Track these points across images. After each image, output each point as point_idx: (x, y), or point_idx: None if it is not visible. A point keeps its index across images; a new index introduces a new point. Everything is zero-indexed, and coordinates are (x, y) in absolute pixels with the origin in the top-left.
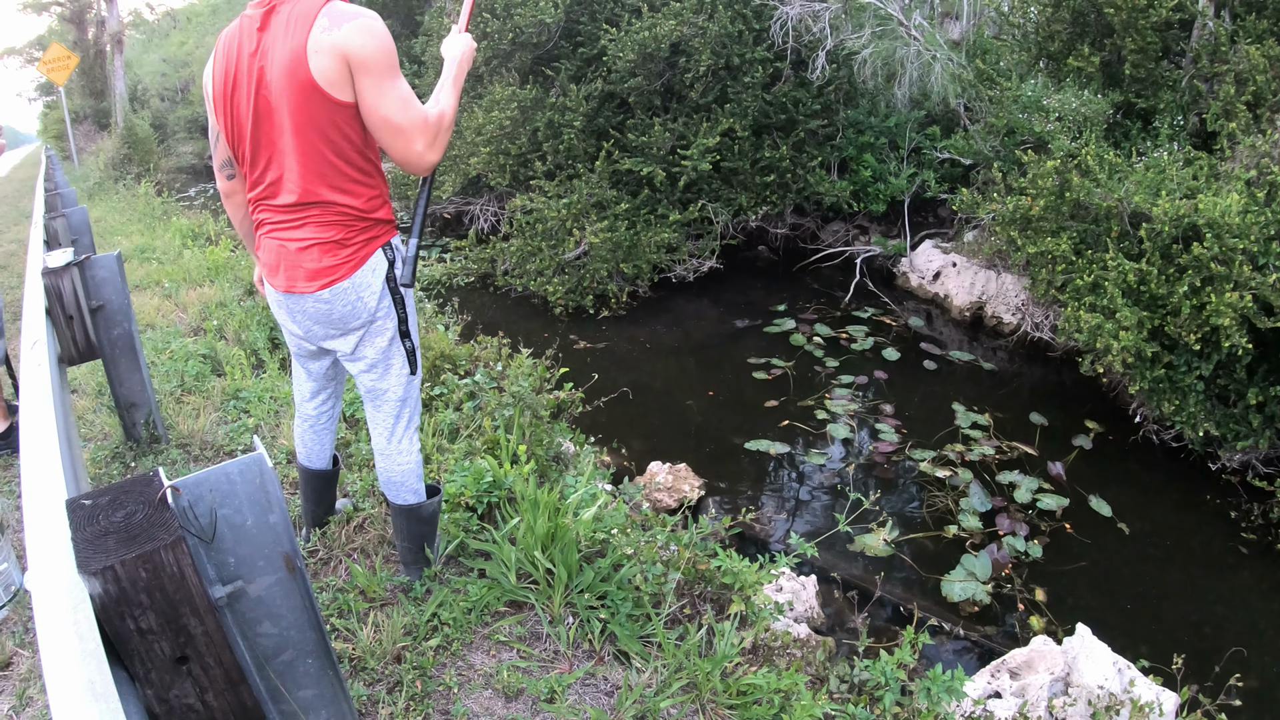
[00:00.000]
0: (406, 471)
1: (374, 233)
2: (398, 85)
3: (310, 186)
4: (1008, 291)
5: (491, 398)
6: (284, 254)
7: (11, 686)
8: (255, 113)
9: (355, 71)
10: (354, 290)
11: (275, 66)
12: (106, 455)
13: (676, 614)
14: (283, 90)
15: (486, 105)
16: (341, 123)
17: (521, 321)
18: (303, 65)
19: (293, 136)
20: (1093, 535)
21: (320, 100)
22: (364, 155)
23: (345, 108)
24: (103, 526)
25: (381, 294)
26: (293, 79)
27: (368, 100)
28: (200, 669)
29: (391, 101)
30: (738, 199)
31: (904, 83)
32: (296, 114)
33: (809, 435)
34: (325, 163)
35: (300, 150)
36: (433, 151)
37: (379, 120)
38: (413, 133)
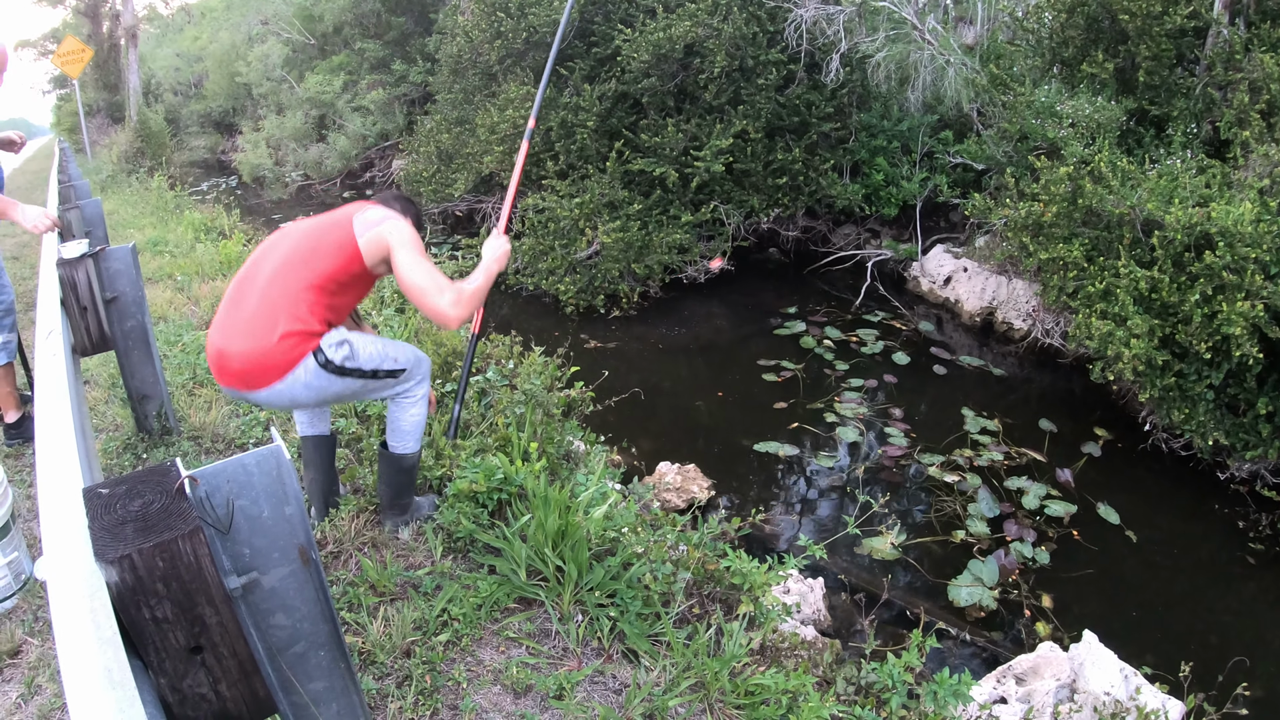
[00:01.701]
0: (415, 424)
1: (300, 348)
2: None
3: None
4: (1019, 297)
5: (503, 395)
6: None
7: (20, 674)
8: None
9: (392, 249)
10: (292, 387)
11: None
12: (118, 446)
13: (685, 613)
14: (315, 226)
15: (500, 104)
16: (349, 273)
17: (532, 320)
18: (349, 224)
19: (287, 253)
20: (1100, 542)
21: (335, 239)
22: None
23: (353, 260)
24: (120, 515)
25: (320, 379)
26: (333, 222)
27: (407, 267)
28: (214, 659)
29: (420, 271)
30: (749, 201)
31: (917, 87)
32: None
33: (818, 438)
34: (296, 281)
35: (284, 265)
36: (460, 309)
37: (412, 284)
38: (440, 286)
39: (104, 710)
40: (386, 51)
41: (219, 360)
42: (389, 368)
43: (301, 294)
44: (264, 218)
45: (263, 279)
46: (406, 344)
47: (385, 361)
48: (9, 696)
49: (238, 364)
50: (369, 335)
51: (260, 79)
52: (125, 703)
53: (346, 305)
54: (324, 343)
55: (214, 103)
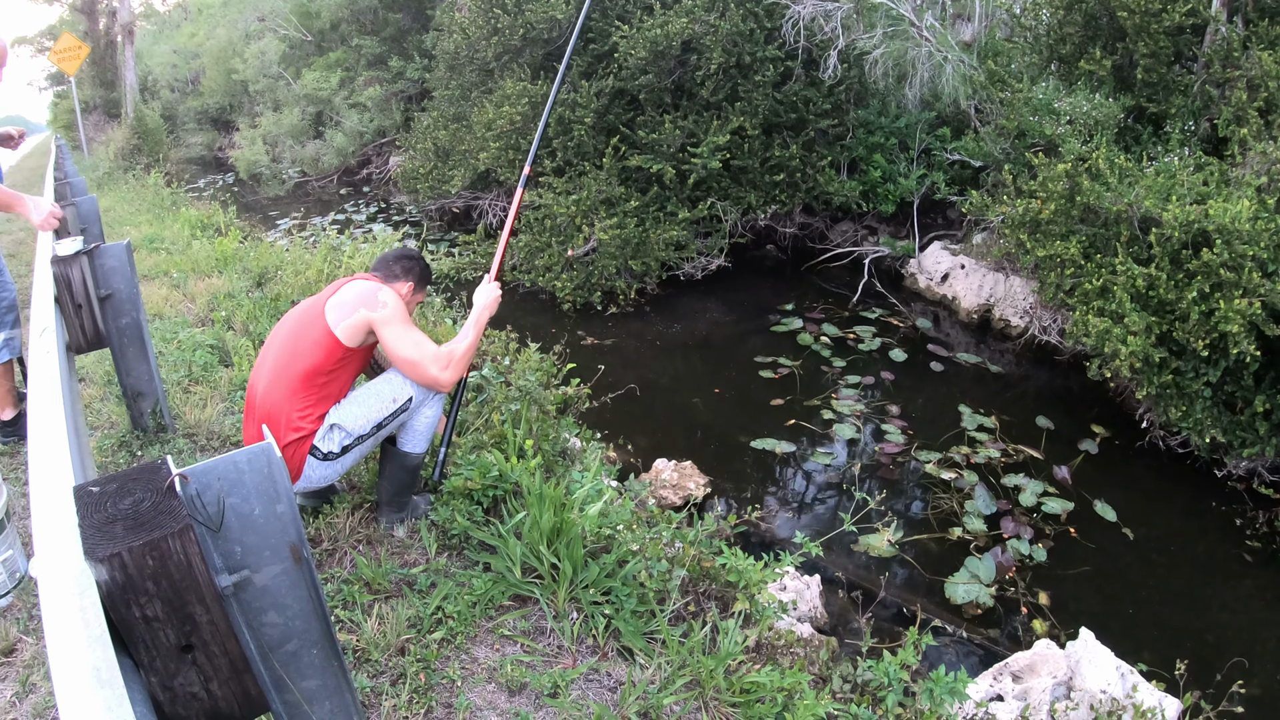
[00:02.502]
0: (428, 424)
1: (299, 446)
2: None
3: (272, 396)
4: (1016, 294)
5: (499, 392)
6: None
7: (15, 673)
8: (282, 336)
9: (378, 326)
10: (306, 479)
11: (311, 308)
12: (113, 444)
13: (681, 611)
14: (298, 322)
15: (497, 100)
16: (332, 364)
17: (529, 317)
18: (321, 302)
19: (279, 354)
20: (1097, 540)
21: (321, 337)
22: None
23: (337, 348)
24: (110, 513)
25: (326, 469)
26: (314, 320)
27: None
28: (205, 657)
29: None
30: (747, 197)
31: (915, 83)
32: (298, 337)
33: (815, 435)
34: (286, 379)
35: (275, 365)
36: (452, 372)
37: (402, 357)
38: (428, 355)
39: (93, 710)
40: (383, 48)
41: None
42: (391, 410)
43: (291, 396)
44: (261, 214)
45: (262, 383)
46: (398, 373)
47: (383, 412)
48: (4, 695)
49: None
50: (359, 394)
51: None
52: (114, 702)
53: (344, 384)
54: (316, 440)
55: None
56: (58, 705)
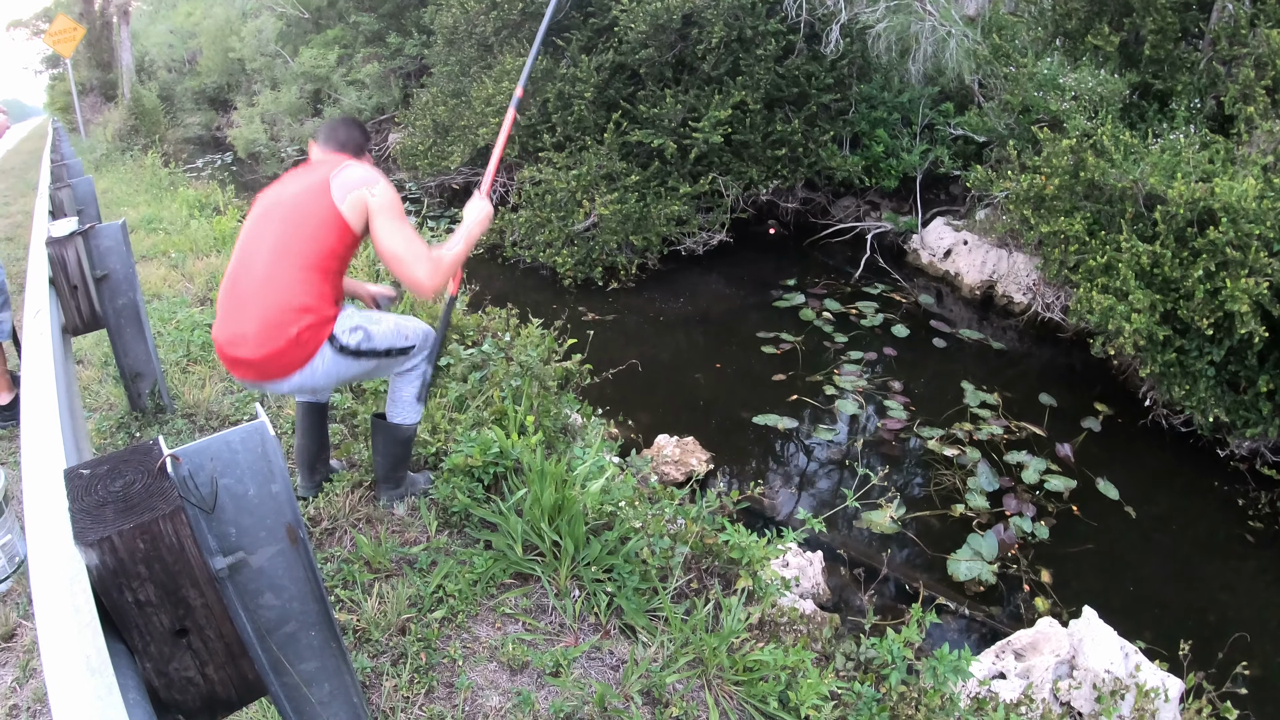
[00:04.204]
0: (415, 393)
1: (313, 333)
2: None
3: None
4: (1019, 271)
5: (499, 368)
6: (238, 366)
7: (15, 658)
8: (266, 209)
9: (373, 214)
10: (311, 374)
11: (307, 188)
12: (112, 425)
13: (683, 588)
14: (298, 194)
15: (496, 76)
16: (338, 245)
17: (530, 293)
18: (324, 182)
19: (280, 228)
20: (1099, 518)
21: (321, 206)
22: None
23: (347, 235)
24: (100, 496)
25: (342, 363)
26: (313, 190)
27: (387, 233)
28: (200, 641)
29: (401, 237)
30: (748, 172)
31: (918, 58)
32: (301, 214)
33: (817, 410)
34: (293, 257)
35: (280, 242)
36: (436, 279)
37: (392, 251)
38: (418, 254)
39: (82, 698)
40: (381, 24)
41: (232, 360)
42: (401, 345)
43: (303, 281)
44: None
45: (260, 270)
46: (414, 318)
47: (398, 339)
48: (4, 680)
49: (256, 362)
50: (378, 313)
51: (254, 54)
52: (104, 690)
53: (343, 276)
54: (338, 328)
55: (208, 79)
56: (48, 693)
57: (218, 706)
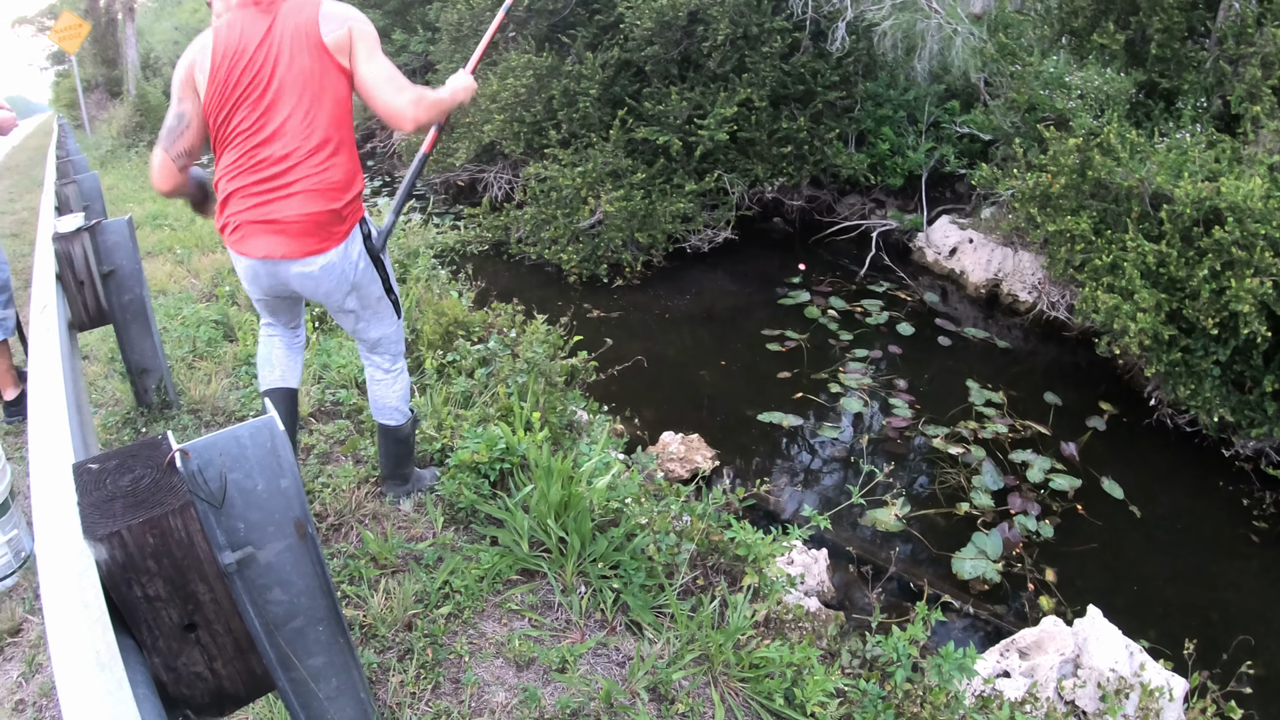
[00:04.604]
0: (399, 396)
1: (353, 207)
2: (386, 59)
3: (301, 145)
4: (1024, 269)
5: (505, 364)
6: (267, 227)
7: (21, 653)
8: (266, 78)
9: (357, 39)
10: (340, 264)
11: (289, 35)
12: (118, 421)
13: (689, 585)
14: (296, 53)
15: (501, 72)
16: (337, 90)
17: (535, 290)
18: (315, 30)
19: (294, 98)
20: (1104, 517)
21: (324, 61)
22: (348, 131)
23: (344, 74)
24: (109, 491)
25: (362, 261)
26: (307, 41)
27: (371, 59)
28: (209, 636)
29: (386, 65)
30: (754, 170)
31: (924, 56)
32: (303, 75)
33: (822, 408)
34: (323, 123)
35: (299, 111)
36: (419, 109)
37: (377, 74)
38: (404, 85)
39: (92, 693)
40: (387, 20)
41: (263, 224)
42: (395, 289)
43: (344, 151)
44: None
45: (293, 131)
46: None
47: (392, 276)
48: (10, 675)
49: (295, 223)
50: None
51: None
52: (114, 684)
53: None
54: (366, 214)
55: None
56: (57, 689)
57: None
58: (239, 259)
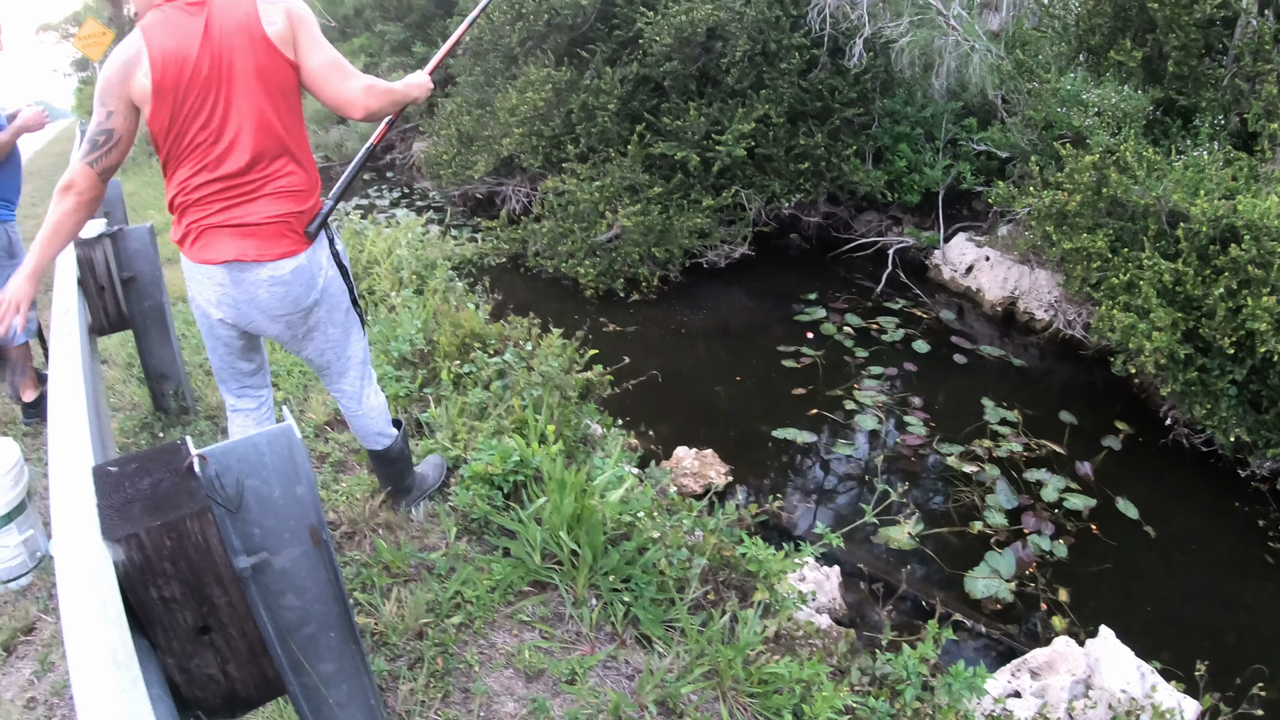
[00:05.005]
0: (379, 419)
1: (317, 209)
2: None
3: (264, 149)
4: (1041, 287)
5: (521, 377)
6: (236, 230)
7: (34, 652)
8: (211, 85)
9: (298, 27)
10: (309, 268)
11: (230, 35)
12: (135, 425)
13: (700, 600)
14: (241, 53)
15: (520, 86)
16: (288, 87)
17: (552, 303)
18: (257, 25)
19: (248, 101)
20: (1118, 537)
21: (273, 58)
22: (302, 130)
23: (291, 68)
24: (128, 494)
25: (331, 268)
26: (250, 39)
27: (315, 47)
28: (223, 639)
29: (331, 50)
30: (771, 186)
31: (941, 73)
32: (253, 76)
33: (836, 425)
34: (276, 125)
35: (256, 114)
36: (369, 98)
37: (323, 61)
38: (352, 72)
39: (108, 691)
40: (407, 34)
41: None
42: (355, 295)
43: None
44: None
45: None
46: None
47: (355, 288)
48: (23, 673)
49: (264, 225)
50: None
51: None
52: (129, 684)
53: None
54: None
55: None
56: (73, 687)
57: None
58: (200, 271)
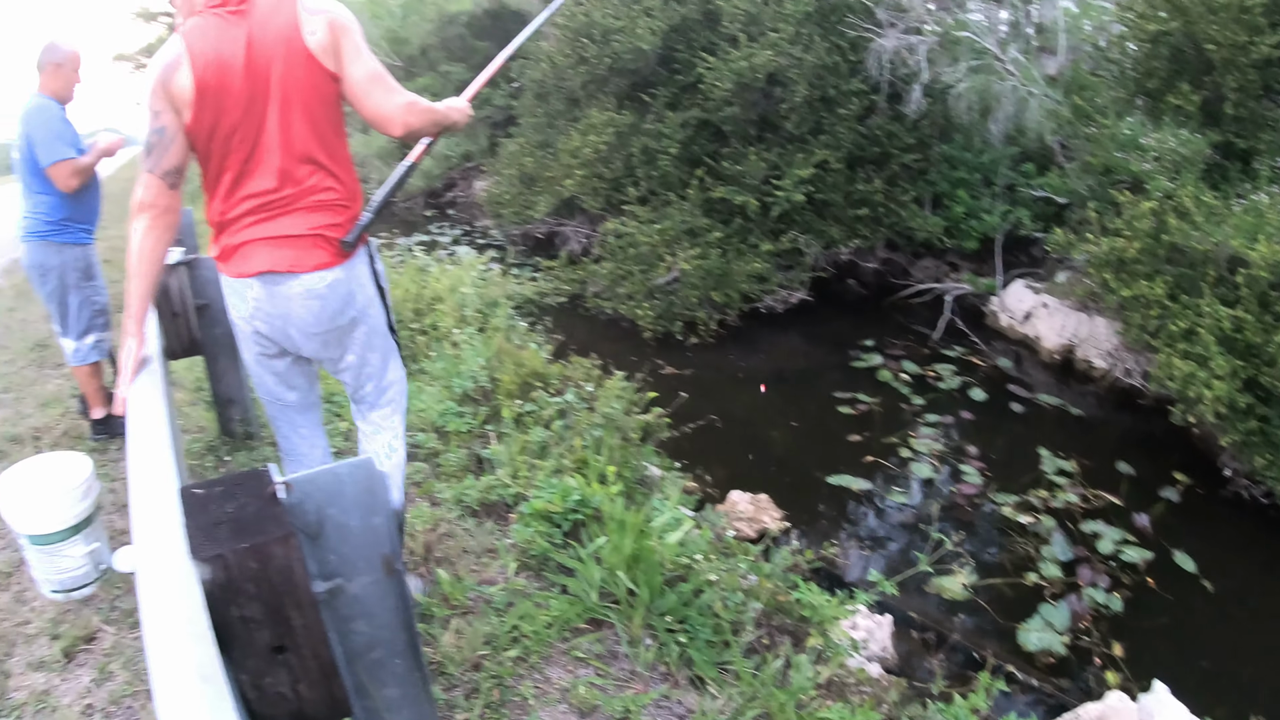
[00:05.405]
0: (394, 480)
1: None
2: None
3: (300, 162)
4: (1099, 335)
5: (583, 417)
6: (271, 242)
7: (94, 660)
8: (250, 96)
9: (341, 36)
10: (347, 282)
11: (270, 45)
12: (201, 448)
13: (754, 643)
14: (280, 64)
15: (583, 129)
16: (328, 99)
17: (610, 344)
18: (297, 35)
19: (286, 113)
20: (1175, 591)
21: (312, 69)
22: (342, 142)
23: (333, 80)
24: (214, 516)
25: (370, 286)
26: (289, 49)
27: (358, 57)
28: (296, 659)
29: (374, 61)
30: (829, 231)
31: (999, 118)
32: (291, 87)
33: (892, 473)
34: (315, 138)
35: (293, 126)
36: (411, 115)
37: (366, 73)
38: (395, 86)
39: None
40: (471, 75)
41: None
42: (393, 321)
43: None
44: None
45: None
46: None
47: (393, 314)
48: (81, 680)
49: (299, 240)
50: None
51: None
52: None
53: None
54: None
55: None
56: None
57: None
58: (236, 285)
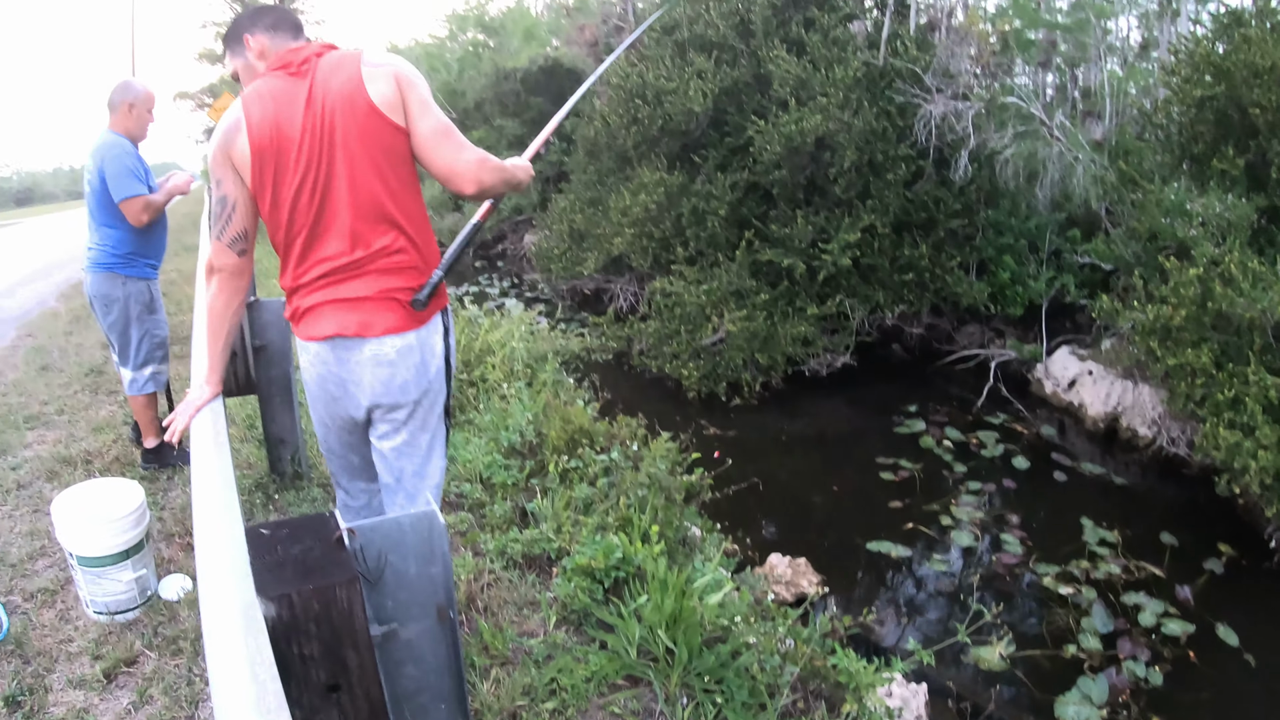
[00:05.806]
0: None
1: (435, 289)
2: (438, 109)
3: (370, 223)
4: (1144, 403)
5: (627, 476)
6: (339, 305)
7: (134, 683)
8: (311, 154)
9: (406, 89)
10: (419, 350)
11: (334, 102)
12: (250, 485)
13: (789, 707)
14: (345, 121)
15: (634, 188)
16: (397, 155)
17: (654, 402)
18: (361, 91)
19: (354, 172)
20: (1217, 665)
21: (379, 125)
22: (416, 199)
23: (400, 135)
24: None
25: (441, 359)
26: (354, 106)
27: (426, 111)
28: (349, 699)
29: (442, 116)
30: (875, 296)
31: (1045, 184)
32: (358, 145)
33: (932, 540)
34: (386, 194)
35: (361, 186)
36: (483, 171)
37: (434, 128)
38: (465, 142)
39: None
40: (524, 130)
41: (335, 305)
42: (450, 404)
43: (409, 212)
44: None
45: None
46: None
47: (451, 383)
48: (120, 702)
49: (372, 303)
50: None
51: None
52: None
53: None
54: (448, 304)
55: None
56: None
57: None
58: (306, 348)
